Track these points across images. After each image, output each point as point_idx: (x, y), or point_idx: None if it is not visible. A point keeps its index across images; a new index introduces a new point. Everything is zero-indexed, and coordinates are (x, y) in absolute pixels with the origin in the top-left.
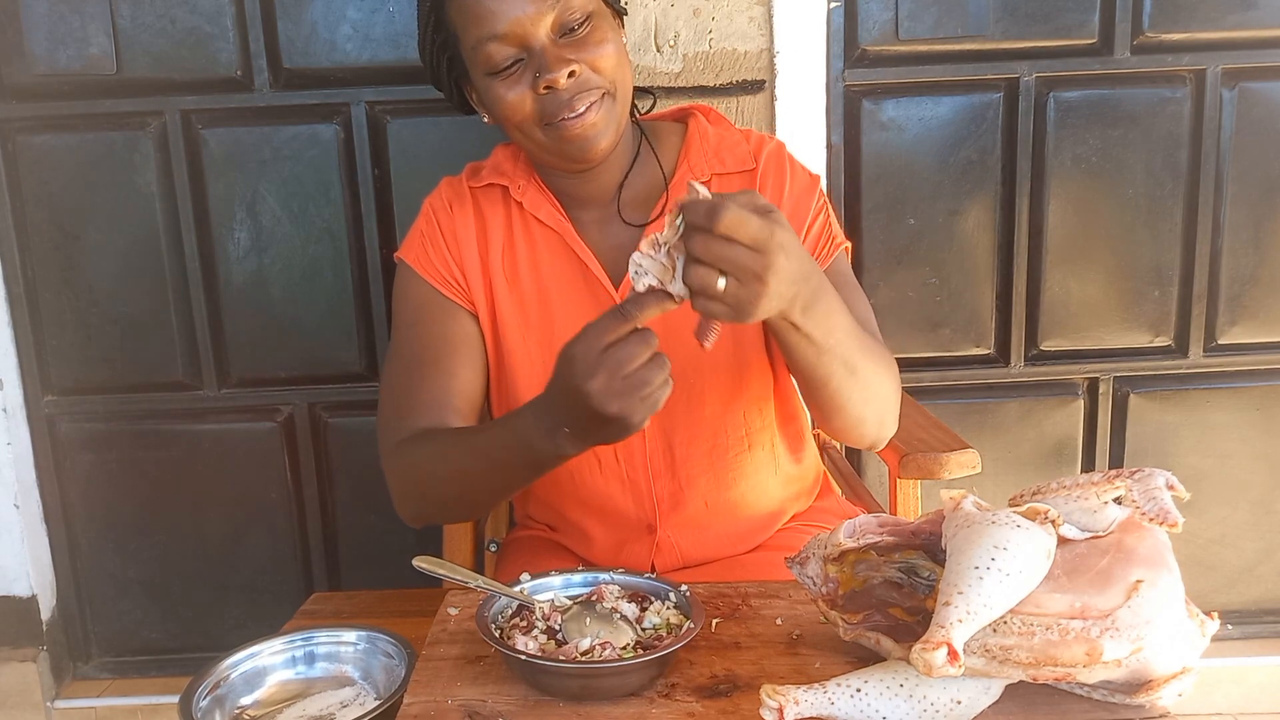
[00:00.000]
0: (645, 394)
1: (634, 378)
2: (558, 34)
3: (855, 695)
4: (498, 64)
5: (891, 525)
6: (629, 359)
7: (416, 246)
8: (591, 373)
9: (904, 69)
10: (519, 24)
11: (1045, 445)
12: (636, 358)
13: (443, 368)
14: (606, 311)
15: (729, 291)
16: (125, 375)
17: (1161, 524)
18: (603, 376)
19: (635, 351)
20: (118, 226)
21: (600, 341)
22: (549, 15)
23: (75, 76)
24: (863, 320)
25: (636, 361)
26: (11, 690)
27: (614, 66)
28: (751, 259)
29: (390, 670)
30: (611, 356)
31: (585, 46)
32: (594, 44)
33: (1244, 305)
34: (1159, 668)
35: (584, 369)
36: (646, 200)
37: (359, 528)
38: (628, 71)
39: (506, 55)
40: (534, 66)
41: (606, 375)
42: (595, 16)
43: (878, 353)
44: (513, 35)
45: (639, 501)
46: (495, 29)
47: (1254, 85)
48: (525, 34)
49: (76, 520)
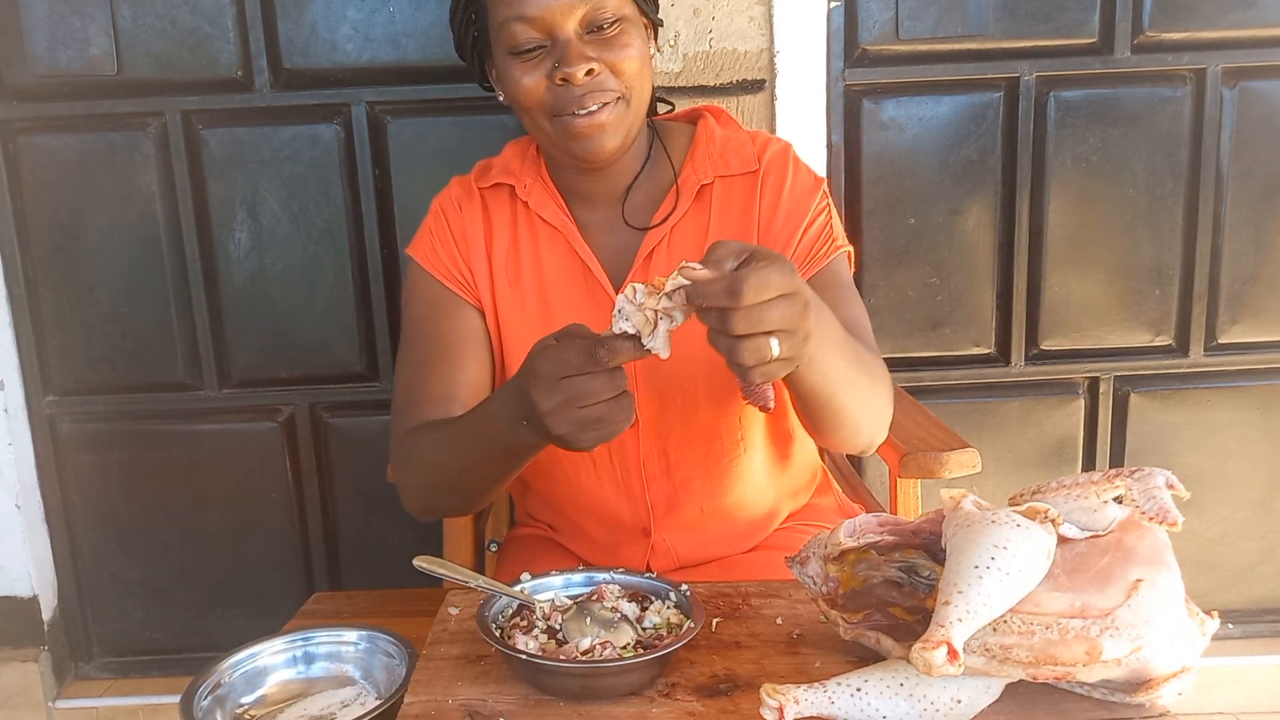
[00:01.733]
0: (598, 429)
1: (590, 411)
2: (585, 29)
3: (855, 694)
4: (520, 45)
5: (891, 524)
6: (588, 395)
7: (425, 244)
8: (549, 394)
9: (904, 68)
10: (550, 11)
11: (1045, 444)
12: (596, 395)
13: (450, 359)
14: (581, 339)
15: (783, 350)
16: (126, 375)
17: (1161, 523)
18: (557, 401)
19: (596, 388)
20: (118, 227)
21: (563, 369)
22: (580, 9)
23: (76, 77)
24: (857, 327)
25: (596, 399)
26: (13, 690)
27: (634, 72)
28: (790, 307)
29: (391, 670)
30: (572, 385)
31: (610, 48)
32: (619, 47)
33: (1244, 304)
34: (1159, 667)
35: (542, 388)
36: (653, 203)
37: (359, 528)
38: (647, 80)
39: (531, 39)
40: (555, 56)
41: (562, 401)
42: (626, 21)
43: (871, 365)
44: (541, 21)
45: (634, 505)
46: (525, 11)
47: (1254, 84)
48: (554, 22)
49: (77, 520)
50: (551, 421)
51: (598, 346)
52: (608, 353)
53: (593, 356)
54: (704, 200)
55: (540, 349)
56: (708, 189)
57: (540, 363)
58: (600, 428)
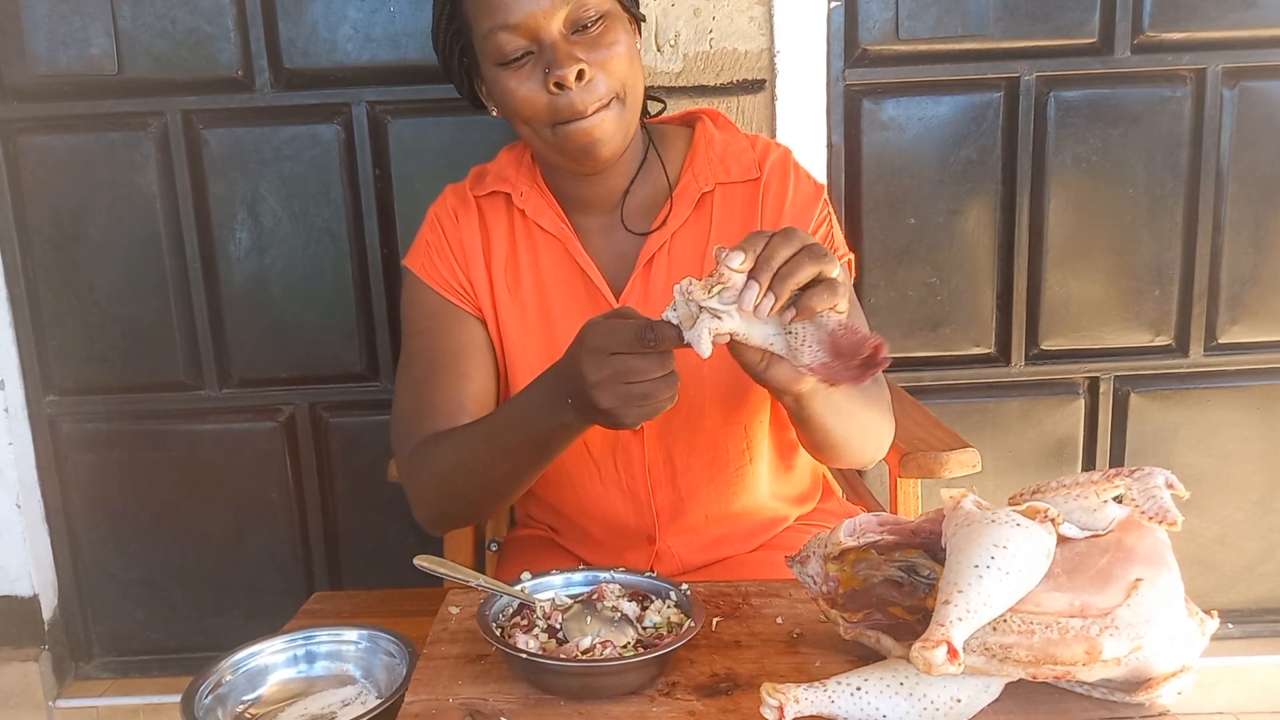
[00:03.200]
0: (642, 406)
1: (636, 388)
2: (570, 30)
3: (855, 694)
4: (507, 55)
5: (892, 524)
6: (635, 372)
7: (422, 255)
8: (597, 367)
9: (904, 68)
10: (532, 16)
11: (1045, 444)
12: (644, 373)
13: (457, 372)
14: (632, 320)
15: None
16: (126, 375)
17: (1161, 523)
18: (606, 374)
19: (645, 367)
20: (119, 227)
21: (613, 344)
22: (562, 10)
23: (76, 77)
24: None
25: (643, 376)
26: (13, 690)
27: (624, 69)
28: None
29: (391, 669)
30: (621, 361)
31: (596, 46)
32: (605, 44)
33: (1244, 304)
34: (1159, 666)
35: (592, 361)
36: (651, 208)
37: (360, 527)
38: (639, 76)
39: (517, 46)
40: (544, 61)
41: (610, 375)
42: (609, 17)
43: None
44: (524, 27)
45: (639, 512)
46: (508, 19)
47: (1254, 84)
48: (537, 26)
49: (78, 520)
50: (598, 394)
51: (646, 329)
52: (654, 337)
53: (640, 338)
54: (705, 207)
55: (592, 324)
56: (709, 196)
57: (591, 336)
58: (645, 404)
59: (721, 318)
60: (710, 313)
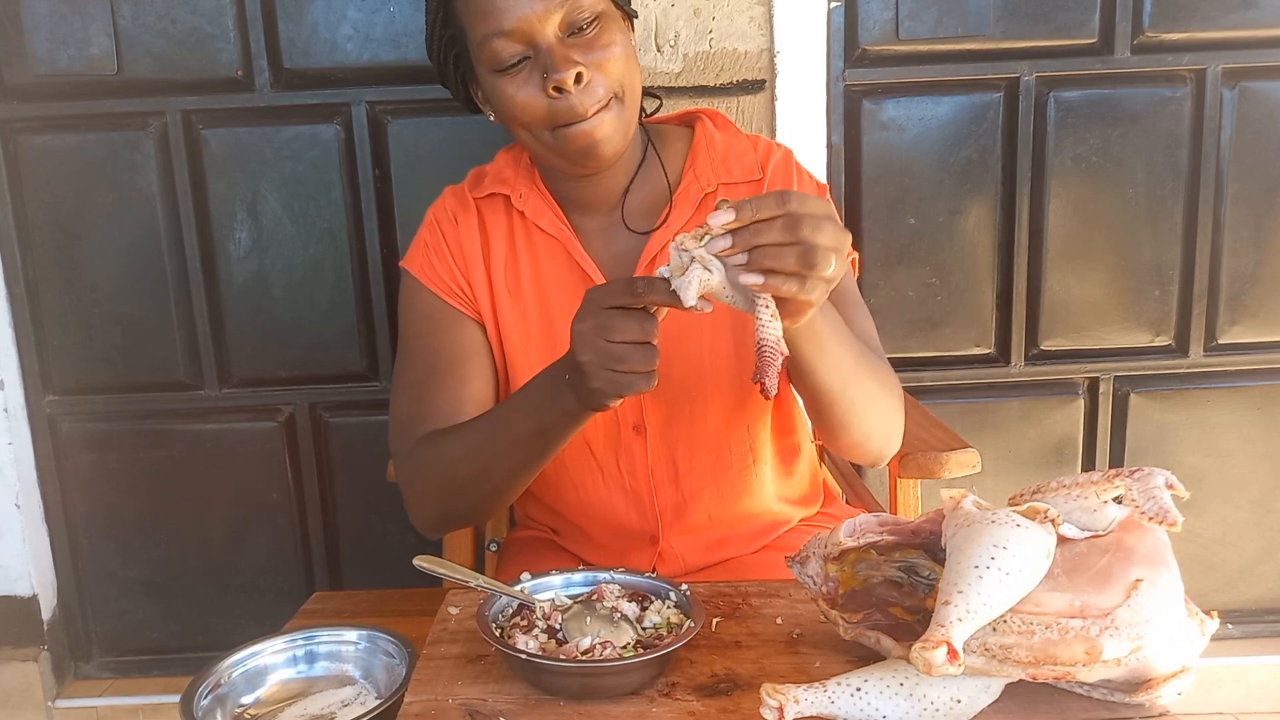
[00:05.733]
0: (617, 367)
1: (614, 348)
2: (565, 33)
3: (855, 694)
4: (503, 61)
5: (892, 524)
6: (616, 329)
7: (421, 257)
8: (583, 318)
9: (904, 69)
10: (526, 21)
11: (1045, 445)
12: (624, 332)
13: (456, 375)
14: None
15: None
16: (126, 375)
17: (1161, 523)
18: (590, 325)
19: (625, 325)
20: (119, 226)
21: (605, 299)
22: (557, 14)
23: (76, 77)
24: (866, 337)
25: (622, 335)
26: (13, 690)
27: (621, 69)
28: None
29: (391, 669)
30: (606, 314)
31: (592, 47)
32: (601, 46)
33: (1244, 304)
34: (1159, 666)
35: (580, 313)
36: (652, 208)
37: (360, 527)
38: (636, 75)
39: (513, 52)
40: (540, 65)
41: (593, 327)
42: (604, 18)
43: (880, 369)
44: (519, 32)
45: (642, 513)
46: (502, 25)
47: (1254, 85)
48: (532, 31)
49: (78, 520)
50: (579, 347)
51: (638, 280)
52: (644, 286)
53: (631, 288)
54: (706, 207)
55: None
56: (710, 197)
57: (589, 292)
58: (619, 367)
59: (711, 270)
60: (701, 264)
